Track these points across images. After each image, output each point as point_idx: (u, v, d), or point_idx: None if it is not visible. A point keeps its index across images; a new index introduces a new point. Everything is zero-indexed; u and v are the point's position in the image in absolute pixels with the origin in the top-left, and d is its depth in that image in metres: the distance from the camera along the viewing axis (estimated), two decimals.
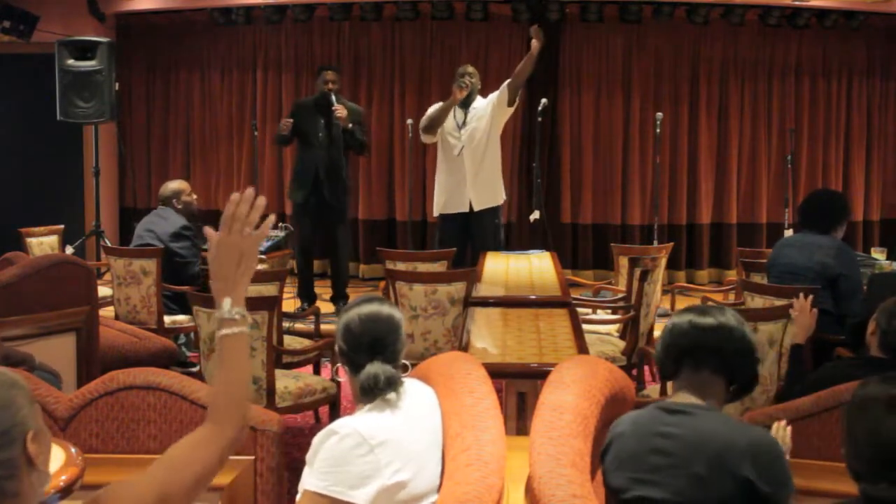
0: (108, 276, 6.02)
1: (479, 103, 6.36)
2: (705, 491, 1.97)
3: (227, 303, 1.68)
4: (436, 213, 6.56)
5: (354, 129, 6.53)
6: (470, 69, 6.33)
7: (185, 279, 5.36)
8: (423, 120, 6.32)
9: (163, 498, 1.53)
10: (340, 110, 6.41)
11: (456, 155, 6.29)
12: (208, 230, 1.71)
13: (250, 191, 1.73)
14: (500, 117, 6.35)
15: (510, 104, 6.27)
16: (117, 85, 7.79)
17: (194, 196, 5.83)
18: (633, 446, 2.11)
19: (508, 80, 6.24)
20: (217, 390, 1.67)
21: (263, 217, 1.75)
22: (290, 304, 6.26)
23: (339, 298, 6.81)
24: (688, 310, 2.26)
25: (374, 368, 2.21)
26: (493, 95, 6.33)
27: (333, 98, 6.47)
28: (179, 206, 5.63)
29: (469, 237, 6.33)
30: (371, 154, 8.19)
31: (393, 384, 2.20)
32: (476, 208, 6.31)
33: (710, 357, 2.15)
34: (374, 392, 2.19)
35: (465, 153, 6.28)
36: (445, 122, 6.30)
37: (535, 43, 6.03)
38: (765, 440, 2.03)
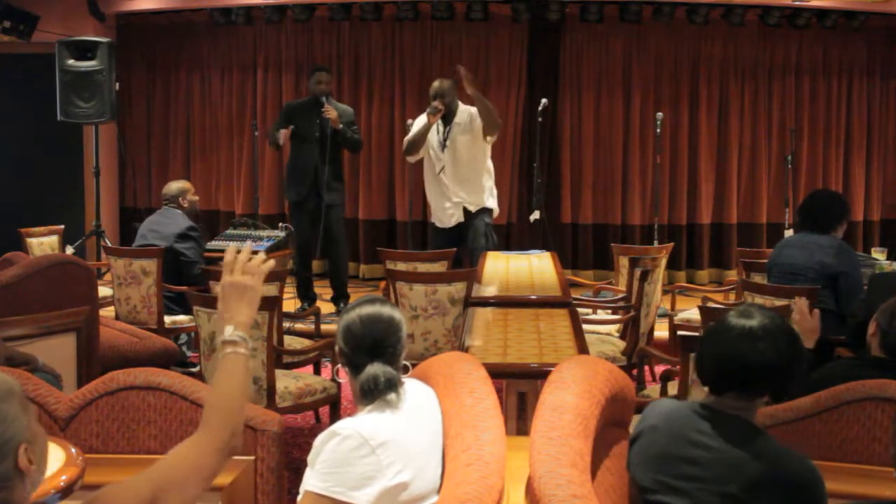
0: (108, 276, 6.02)
1: (462, 117, 6.19)
2: None
3: (229, 328, 1.80)
4: (432, 220, 6.53)
5: (345, 130, 6.54)
6: (445, 88, 6.07)
7: (187, 279, 5.35)
8: (404, 143, 6.29)
9: (158, 499, 1.57)
10: (330, 111, 6.41)
11: (438, 172, 6.22)
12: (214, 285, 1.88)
13: (249, 245, 1.92)
14: (482, 140, 6.21)
15: (485, 138, 6.15)
16: (117, 85, 7.79)
17: (197, 196, 5.84)
18: (664, 447, 2.06)
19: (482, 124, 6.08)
20: (212, 401, 1.74)
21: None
22: (290, 304, 6.26)
23: (339, 298, 6.81)
24: (743, 325, 2.09)
25: (374, 370, 2.20)
26: (477, 118, 6.16)
27: (324, 99, 6.48)
28: (186, 205, 5.63)
29: (461, 241, 6.28)
30: (363, 149, 8.19)
31: (393, 385, 2.20)
32: (473, 209, 6.28)
33: (764, 385, 2.07)
34: (374, 393, 2.19)
35: (448, 167, 6.19)
36: (429, 137, 6.19)
37: (465, 84, 5.93)
38: (810, 475, 1.94)
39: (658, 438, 2.09)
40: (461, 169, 6.21)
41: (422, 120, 6.21)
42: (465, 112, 6.21)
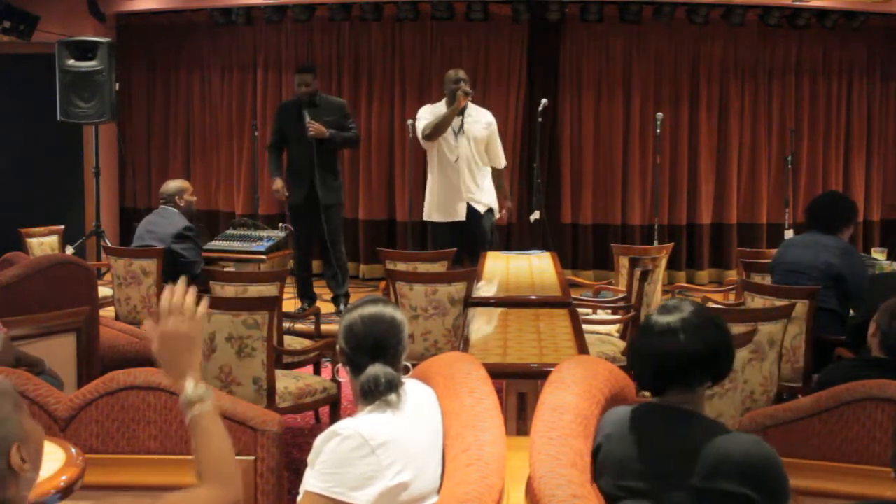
0: (108, 277, 6.02)
1: (474, 110, 6.34)
2: (699, 503, 1.93)
3: (189, 385, 1.75)
4: (426, 218, 6.53)
5: (334, 136, 6.48)
6: (463, 74, 6.26)
7: (188, 280, 5.30)
8: (427, 128, 6.24)
9: None
10: (313, 127, 6.35)
11: (454, 161, 6.29)
12: (146, 325, 1.78)
13: (181, 282, 1.84)
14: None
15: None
16: (117, 85, 7.79)
17: (194, 197, 5.81)
18: (620, 453, 2.06)
19: (497, 168, 6.48)
20: (207, 462, 1.72)
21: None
22: (290, 304, 6.25)
23: (340, 297, 6.81)
24: (660, 322, 2.10)
25: (375, 370, 2.20)
26: (493, 129, 6.41)
27: (307, 115, 6.39)
28: (182, 205, 5.60)
29: (465, 239, 6.32)
30: (361, 147, 8.24)
31: (393, 386, 2.19)
32: (481, 210, 6.37)
33: (701, 374, 2.09)
34: (375, 394, 2.19)
35: (462, 160, 6.27)
36: None
37: None
38: (761, 453, 1.95)
39: (613, 446, 2.08)
40: (474, 161, 6.32)
41: (428, 109, 6.37)
42: (481, 111, 6.41)
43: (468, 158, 6.30)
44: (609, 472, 2.06)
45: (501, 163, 6.51)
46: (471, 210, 6.34)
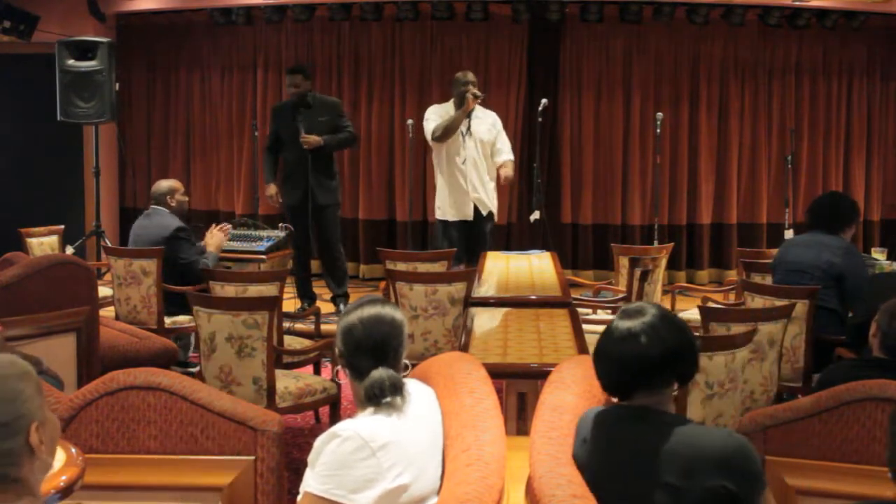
0: (108, 277, 6.02)
1: (480, 111, 6.39)
2: (679, 501, 1.93)
3: None
4: (440, 217, 6.52)
5: (329, 141, 6.50)
6: (472, 77, 6.31)
7: (190, 279, 5.26)
8: (437, 129, 6.26)
9: None
10: (307, 140, 6.38)
11: (462, 163, 6.31)
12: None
13: None
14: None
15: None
16: (117, 85, 7.79)
17: (187, 197, 5.78)
18: (597, 457, 2.06)
19: (504, 158, 6.41)
20: None
21: None
22: (290, 304, 6.26)
23: (340, 297, 6.81)
24: (621, 327, 2.10)
25: (379, 374, 2.18)
26: (499, 127, 6.47)
27: (301, 129, 6.41)
28: (173, 205, 5.55)
29: (470, 240, 6.35)
30: (361, 146, 8.27)
31: (398, 390, 2.18)
32: (484, 212, 6.41)
33: (665, 375, 2.09)
34: (379, 398, 2.17)
35: (470, 161, 6.32)
36: None
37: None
38: (736, 445, 1.96)
39: (589, 450, 2.08)
40: (481, 162, 6.37)
41: (435, 110, 6.41)
42: (485, 112, 6.45)
43: (475, 160, 6.34)
44: (587, 477, 2.05)
45: (510, 154, 6.51)
46: (476, 211, 6.39)
